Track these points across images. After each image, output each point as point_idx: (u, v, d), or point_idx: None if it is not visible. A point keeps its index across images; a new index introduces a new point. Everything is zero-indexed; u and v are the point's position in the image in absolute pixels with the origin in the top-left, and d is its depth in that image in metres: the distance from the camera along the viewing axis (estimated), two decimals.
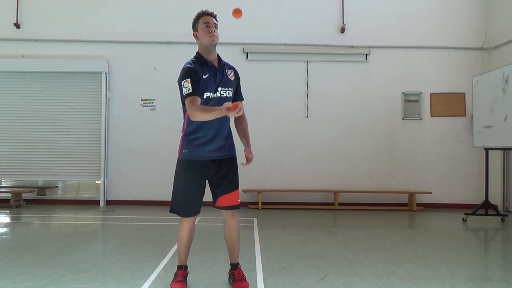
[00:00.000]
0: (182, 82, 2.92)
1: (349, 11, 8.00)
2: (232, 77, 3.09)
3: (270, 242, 4.71)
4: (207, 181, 3.13)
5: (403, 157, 7.92)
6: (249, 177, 7.81)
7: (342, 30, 7.99)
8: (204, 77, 2.95)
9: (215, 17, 3.09)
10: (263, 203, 7.52)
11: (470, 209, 6.59)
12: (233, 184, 3.12)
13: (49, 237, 5.02)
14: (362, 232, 5.53)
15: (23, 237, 5.00)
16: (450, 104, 7.99)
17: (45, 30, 7.94)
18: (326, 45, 8.01)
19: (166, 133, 7.85)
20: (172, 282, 3.04)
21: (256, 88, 7.89)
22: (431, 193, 7.69)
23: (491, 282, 3.40)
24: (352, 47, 8.01)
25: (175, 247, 4.38)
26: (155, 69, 7.95)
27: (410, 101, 8.01)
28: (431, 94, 8.01)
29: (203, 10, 3.07)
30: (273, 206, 7.61)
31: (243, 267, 3.23)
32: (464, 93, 7.93)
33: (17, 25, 7.90)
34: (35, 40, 7.92)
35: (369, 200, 7.80)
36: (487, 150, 6.49)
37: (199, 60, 3.03)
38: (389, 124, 7.98)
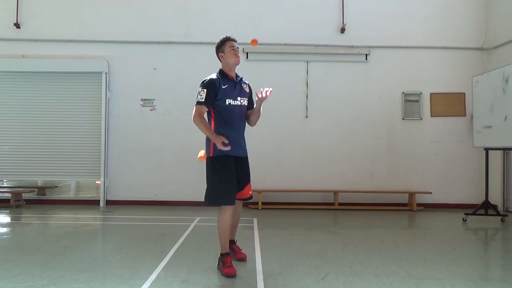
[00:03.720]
0: (200, 90, 3.54)
1: (349, 11, 8.01)
2: (247, 90, 3.82)
3: (270, 242, 4.71)
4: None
5: (403, 157, 7.92)
6: None
7: (342, 30, 7.99)
8: (223, 87, 3.57)
9: (236, 41, 3.79)
10: (263, 203, 7.52)
11: (470, 209, 6.59)
12: (248, 179, 3.78)
13: (49, 237, 5.02)
14: (362, 232, 5.53)
15: (23, 237, 5.00)
16: (450, 104, 7.99)
17: (45, 30, 7.94)
18: (326, 45, 8.01)
19: (166, 133, 7.85)
20: (223, 268, 3.41)
21: (256, 88, 7.86)
22: (431, 193, 7.69)
23: (491, 282, 3.40)
24: (352, 47, 8.01)
25: (175, 247, 4.39)
26: (155, 69, 7.95)
27: (410, 101, 8.01)
28: (431, 94, 8.02)
29: (228, 36, 3.81)
30: (273, 206, 7.61)
31: (242, 267, 3.29)
32: (464, 93, 7.93)
33: (17, 25, 7.90)
34: (35, 40, 7.92)
35: (369, 200, 7.80)
36: (487, 150, 6.50)
37: (221, 75, 3.66)
38: (389, 124, 7.98)
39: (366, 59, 8.02)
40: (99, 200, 7.76)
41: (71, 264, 3.70)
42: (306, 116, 7.96)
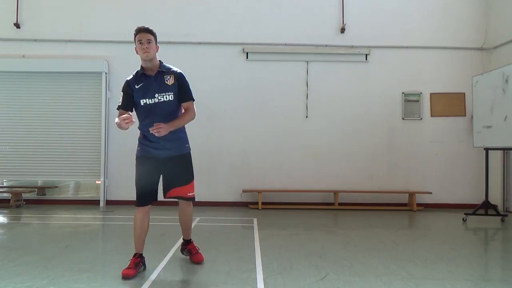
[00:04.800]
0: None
1: (349, 11, 8.00)
2: (170, 82, 3.46)
3: (270, 242, 4.71)
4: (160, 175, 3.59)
5: (403, 157, 7.92)
6: (249, 177, 7.84)
7: (342, 30, 7.99)
8: (137, 87, 3.42)
9: (148, 32, 3.46)
10: (263, 203, 7.52)
11: (470, 209, 6.59)
12: (182, 178, 3.58)
13: (49, 237, 5.02)
14: (362, 232, 5.53)
15: (23, 237, 5.00)
16: (450, 104, 7.99)
17: (45, 30, 7.94)
18: (326, 45, 8.01)
19: None
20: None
21: (256, 88, 7.91)
22: (431, 193, 7.69)
23: (491, 282, 3.40)
24: (352, 47, 8.01)
25: (175, 247, 4.39)
26: None
27: (410, 101, 8.01)
28: (431, 94, 8.01)
29: (137, 27, 3.49)
30: (273, 206, 7.61)
31: (242, 267, 3.30)
32: (464, 93, 7.93)
33: (17, 25, 7.90)
34: (35, 40, 7.92)
35: (369, 200, 7.80)
36: (487, 150, 6.49)
37: (140, 71, 3.53)
38: (389, 124, 7.98)
39: (366, 59, 8.02)
40: (99, 200, 7.76)
41: (71, 264, 3.70)
42: (306, 116, 7.96)
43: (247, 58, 7.92)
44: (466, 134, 7.83)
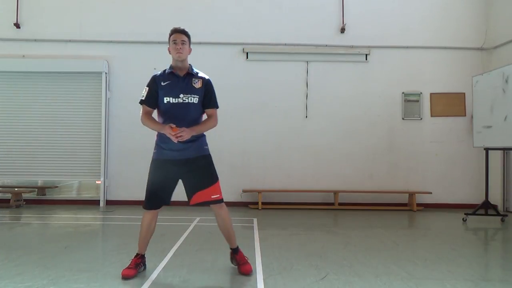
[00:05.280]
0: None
1: (349, 11, 8.01)
2: (197, 85, 3.41)
3: (270, 242, 4.71)
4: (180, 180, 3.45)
5: (403, 157, 7.92)
6: (249, 177, 7.84)
7: (342, 30, 7.99)
8: (163, 84, 3.37)
9: (183, 33, 3.42)
10: (263, 203, 7.52)
11: (470, 209, 6.60)
12: (205, 181, 3.41)
13: (49, 237, 5.02)
14: (362, 232, 5.53)
15: (23, 237, 5.00)
16: (450, 104, 7.99)
17: (45, 30, 7.94)
18: (326, 45, 8.01)
19: None
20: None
21: (256, 88, 7.91)
22: (431, 193, 7.69)
23: (491, 282, 3.40)
24: (352, 47, 8.01)
25: (175, 247, 4.39)
26: (155, 69, 7.79)
27: (410, 101, 8.01)
28: (431, 94, 8.01)
29: (174, 28, 3.45)
30: (273, 206, 7.61)
31: None
32: (464, 93, 7.93)
33: (17, 25, 7.90)
34: (35, 40, 7.92)
35: (369, 200, 7.80)
36: (487, 150, 6.49)
37: (168, 70, 3.48)
38: (389, 124, 7.98)
39: (366, 59, 8.02)
40: (99, 200, 7.76)
41: (71, 264, 3.70)
42: (306, 116, 7.96)
43: (247, 58, 7.92)
44: (466, 134, 7.83)
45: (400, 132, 7.97)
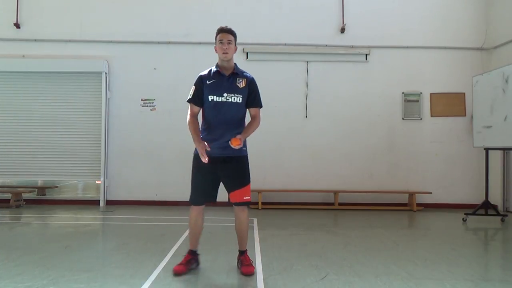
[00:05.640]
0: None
1: (349, 11, 8.00)
2: (241, 85, 3.48)
3: (270, 242, 4.71)
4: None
5: (403, 157, 7.92)
6: None
7: (342, 30, 7.99)
8: (208, 82, 3.40)
9: (229, 33, 3.42)
10: (263, 203, 7.52)
11: (470, 209, 6.60)
12: (238, 182, 3.46)
13: (49, 237, 5.02)
14: (362, 232, 5.53)
15: (23, 237, 5.00)
16: (450, 104, 7.99)
17: (45, 30, 7.93)
18: (326, 45, 8.01)
19: (166, 133, 7.85)
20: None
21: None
22: (431, 193, 7.69)
23: (491, 282, 3.40)
24: (352, 47, 8.01)
25: (175, 247, 4.40)
26: (155, 69, 7.95)
27: (410, 101, 8.01)
28: (431, 94, 8.01)
29: (220, 27, 3.45)
30: (273, 206, 7.61)
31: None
32: (464, 93, 7.93)
33: (17, 25, 7.90)
34: (35, 40, 7.92)
35: (369, 200, 7.80)
36: (487, 150, 6.50)
37: (215, 69, 3.48)
38: (389, 124, 7.98)
39: (366, 59, 8.02)
40: (99, 200, 7.76)
41: (71, 264, 3.70)
42: (306, 116, 7.96)
43: (247, 58, 7.92)
44: (466, 134, 7.83)
45: (400, 132, 7.97)
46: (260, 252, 4.20)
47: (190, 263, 3.50)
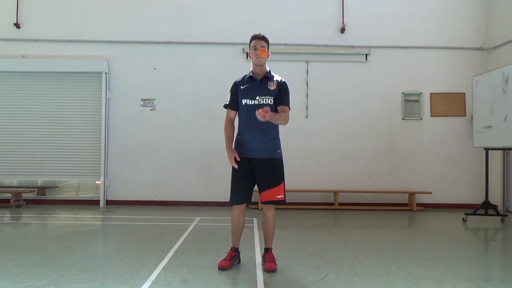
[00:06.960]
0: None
1: (349, 11, 8.01)
2: (272, 87, 3.64)
3: None
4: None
5: (403, 157, 7.92)
6: None
7: (342, 30, 7.99)
8: (242, 87, 3.64)
9: (261, 39, 3.69)
10: None
11: (470, 209, 6.60)
12: (269, 182, 3.64)
13: (49, 237, 5.02)
14: (362, 232, 5.53)
15: (23, 237, 5.00)
16: (450, 104, 7.99)
17: (45, 30, 7.94)
18: (326, 45, 8.01)
19: (166, 133, 7.85)
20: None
21: None
22: (431, 193, 7.69)
23: (491, 282, 3.40)
24: (352, 47, 8.01)
25: (175, 247, 4.39)
26: (155, 69, 7.95)
27: (410, 101, 8.01)
28: (431, 94, 8.02)
29: (254, 34, 3.75)
30: None
31: (243, 266, 3.32)
32: (464, 93, 7.93)
33: (17, 25, 7.91)
34: (35, 40, 7.92)
35: (369, 200, 7.80)
36: (487, 150, 6.50)
37: (248, 74, 3.71)
38: (389, 124, 7.98)
39: (366, 59, 8.02)
40: (99, 200, 7.76)
41: (71, 264, 3.70)
42: (306, 116, 7.96)
43: (247, 58, 7.91)
44: (466, 134, 7.83)
45: (400, 132, 7.97)
46: (260, 252, 4.19)
47: (233, 259, 3.65)
